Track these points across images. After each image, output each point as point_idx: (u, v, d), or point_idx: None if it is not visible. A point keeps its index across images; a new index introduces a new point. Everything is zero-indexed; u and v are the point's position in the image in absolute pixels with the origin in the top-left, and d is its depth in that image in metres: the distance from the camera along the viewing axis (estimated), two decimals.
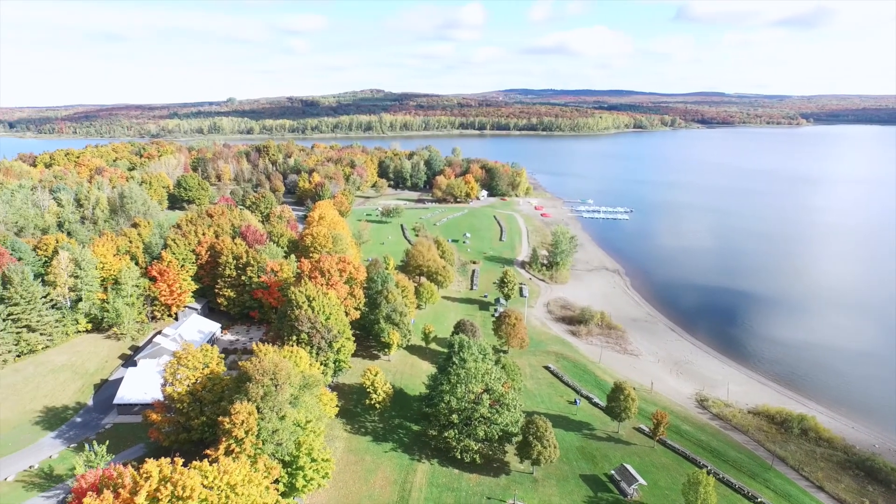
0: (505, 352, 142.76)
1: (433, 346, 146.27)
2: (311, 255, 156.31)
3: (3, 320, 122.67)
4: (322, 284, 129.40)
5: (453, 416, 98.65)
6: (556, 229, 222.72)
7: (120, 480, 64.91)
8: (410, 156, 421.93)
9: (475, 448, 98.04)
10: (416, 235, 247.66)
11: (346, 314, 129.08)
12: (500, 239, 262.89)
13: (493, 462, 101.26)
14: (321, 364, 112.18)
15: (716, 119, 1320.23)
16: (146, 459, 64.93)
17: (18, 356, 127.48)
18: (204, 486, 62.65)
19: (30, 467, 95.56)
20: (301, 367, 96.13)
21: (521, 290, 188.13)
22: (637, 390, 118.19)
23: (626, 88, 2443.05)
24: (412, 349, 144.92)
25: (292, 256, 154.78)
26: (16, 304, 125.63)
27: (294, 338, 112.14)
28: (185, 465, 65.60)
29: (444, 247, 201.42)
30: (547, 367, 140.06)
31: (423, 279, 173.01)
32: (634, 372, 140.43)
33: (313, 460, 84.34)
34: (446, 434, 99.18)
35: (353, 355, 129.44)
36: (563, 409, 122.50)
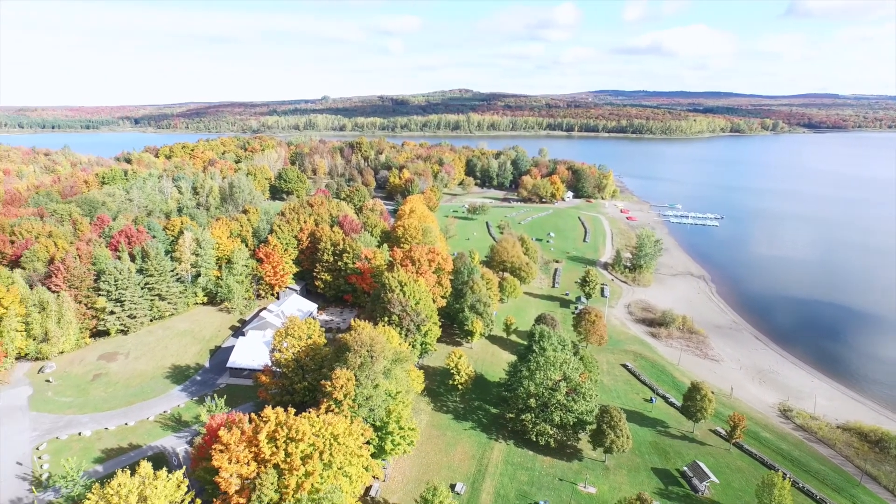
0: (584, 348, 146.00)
1: (513, 337, 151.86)
2: (402, 245, 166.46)
3: (142, 288, 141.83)
4: (412, 272, 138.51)
5: (531, 400, 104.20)
6: (641, 232, 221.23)
7: (242, 425, 76.26)
8: (497, 155, 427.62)
9: (550, 432, 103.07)
10: (501, 233, 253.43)
11: (434, 301, 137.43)
12: (584, 240, 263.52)
13: (566, 448, 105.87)
14: (409, 345, 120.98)
15: (825, 123, 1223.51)
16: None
17: (151, 320, 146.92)
18: (312, 434, 72.33)
19: (164, 412, 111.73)
20: (393, 344, 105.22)
21: (602, 290, 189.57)
22: (716, 394, 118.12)
23: (725, 90, 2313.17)
24: (493, 339, 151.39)
25: (385, 246, 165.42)
26: (151, 276, 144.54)
27: (385, 319, 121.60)
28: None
29: (528, 244, 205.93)
30: (624, 366, 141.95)
31: (507, 274, 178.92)
32: (714, 376, 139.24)
33: (401, 428, 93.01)
34: (523, 417, 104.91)
35: (438, 341, 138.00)
36: (638, 405, 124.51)
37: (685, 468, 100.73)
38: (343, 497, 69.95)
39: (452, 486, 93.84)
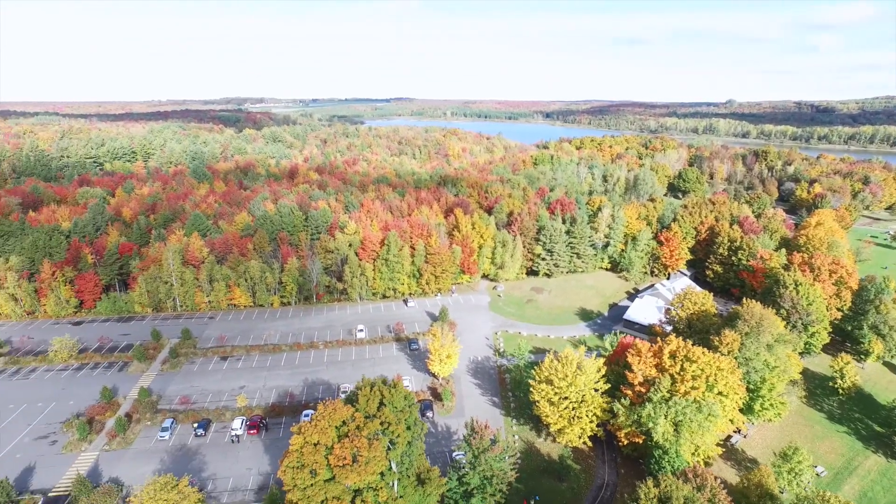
0: None
1: None
2: (801, 252, 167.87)
3: (566, 246, 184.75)
4: (809, 278, 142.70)
5: None
6: None
7: (643, 346, 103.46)
8: None
9: None
10: None
11: (827, 309, 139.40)
12: None
13: None
14: None
15: None
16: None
17: (567, 272, 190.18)
18: (703, 361, 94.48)
19: (573, 336, 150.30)
20: (779, 328, 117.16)
21: None
22: None
23: None
24: (893, 368, 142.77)
25: (783, 250, 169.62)
26: (574, 237, 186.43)
27: (773, 311, 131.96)
28: None
29: None
30: None
31: None
32: None
33: (772, 396, 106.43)
34: None
35: (824, 351, 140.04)
36: None
37: None
38: (719, 410, 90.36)
39: (814, 466, 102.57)
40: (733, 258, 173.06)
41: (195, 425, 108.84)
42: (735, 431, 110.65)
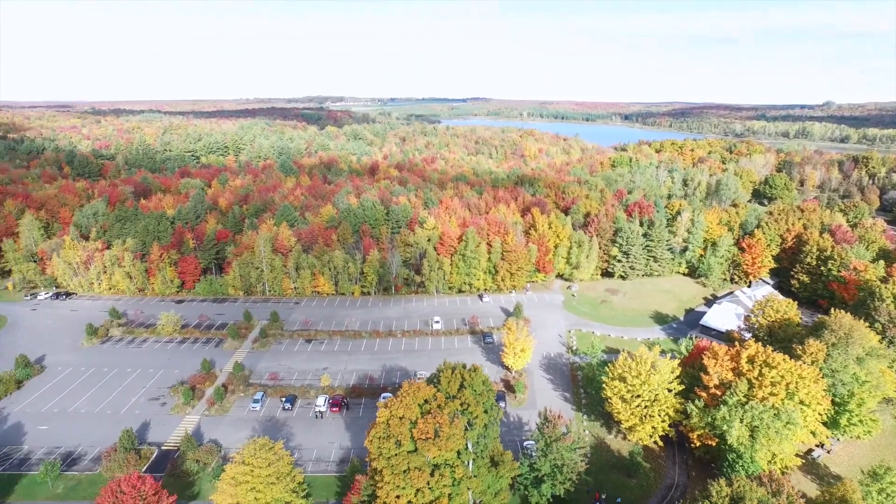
0: None
1: None
2: None
3: (643, 248, 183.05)
4: None
5: None
6: None
7: (720, 349, 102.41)
8: None
9: None
10: None
11: None
12: None
13: None
14: None
15: None
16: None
17: (643, 275, 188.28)
18: (784, 368, 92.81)
19: (647, 338, 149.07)
20: (871, 341, 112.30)
21: None
22: None
23: None
24: None
25: (881, 262, 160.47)
26: (651, 240, 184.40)
27: (867, 324, 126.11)
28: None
29: None
30: None
31: None
32: None
33: (860, 412, 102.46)
34: None
35: None
36: None
37: None
38: (799, 419, 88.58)
39: None
40: (822, 268, 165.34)
41: (283, 400, 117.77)
42: (818, 445, 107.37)
